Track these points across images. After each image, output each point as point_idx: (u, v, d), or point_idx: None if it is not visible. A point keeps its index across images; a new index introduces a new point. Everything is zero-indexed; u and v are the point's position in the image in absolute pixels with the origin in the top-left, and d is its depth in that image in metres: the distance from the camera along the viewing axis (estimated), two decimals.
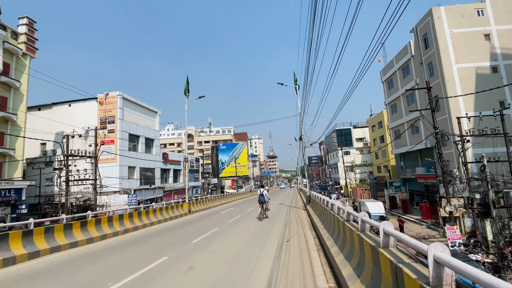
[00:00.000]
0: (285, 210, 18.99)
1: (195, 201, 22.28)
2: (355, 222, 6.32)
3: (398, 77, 31.52)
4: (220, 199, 29.37)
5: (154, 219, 15.19)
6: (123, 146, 30.95)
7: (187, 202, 19.65)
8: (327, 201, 9.91)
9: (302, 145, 18.06)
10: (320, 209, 11.46)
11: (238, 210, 20.82)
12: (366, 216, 5.19)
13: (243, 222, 14.25)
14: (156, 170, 36.36)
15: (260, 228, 12.10)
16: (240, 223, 13.93)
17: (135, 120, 33.77)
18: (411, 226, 26.28)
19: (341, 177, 53.82)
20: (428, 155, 28.73)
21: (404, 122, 31.06)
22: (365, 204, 25.47)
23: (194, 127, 78.97)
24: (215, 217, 17.04)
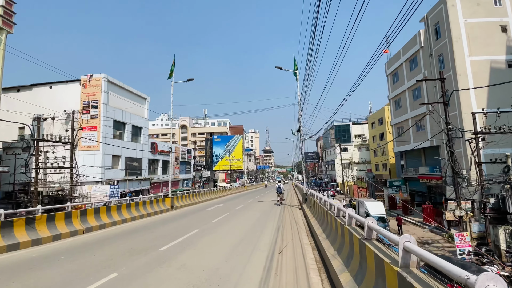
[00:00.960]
0: (278, 209, 17.09)
1: (181, 195, 20.26)
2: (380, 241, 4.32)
3: (405, 70, 29.53)
4: (209, 194, 27.39)
5: (127, 215, 13.15)
6: (107, 133, 28.69)
7: (170, 196, 17.62)
8: (333, 205, 7.93)
9: (300, 137, 16.21)
10: (320, 213, 9.49)
11: (227, 206, 18.88)
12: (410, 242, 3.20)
13: (229, 222, 12.28)
14: (143, 160, 34.21)
15: (248, 232, 10.13)
16: (225, 223, 11.96)
17: (122, 106, 31.43)
18: (412, 228, 24.62)
19: (338, 174, 52.17)
20: (433, 154, 26.98)
21: (408, 118, 29.20)
22: (364, 203, 23.71)
23: (188, 118, 76.55)
24: (199, 215, 15.05)
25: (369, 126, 52.81)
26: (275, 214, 14.68)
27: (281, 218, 13.32)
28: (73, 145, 21.46)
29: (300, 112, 16.11)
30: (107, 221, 11.75)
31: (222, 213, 15.27)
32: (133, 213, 13.71)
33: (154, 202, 15.92)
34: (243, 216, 14.19)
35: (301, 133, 16.01)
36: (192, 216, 14.56)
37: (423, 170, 27.99)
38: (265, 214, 14.76)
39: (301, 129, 16.04)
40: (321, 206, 9.32)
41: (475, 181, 21.74)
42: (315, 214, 10.92)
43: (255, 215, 14.36)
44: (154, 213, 15.25)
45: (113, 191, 26.82)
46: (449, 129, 18.20)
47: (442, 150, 25.36)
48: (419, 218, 27.28)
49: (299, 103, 16.29)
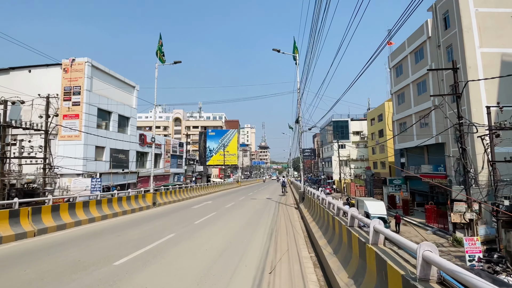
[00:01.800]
0: (272, 208, 15.39)
1: (166, 191, 18.42)
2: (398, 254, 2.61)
3: (409, 62, 27.87)
4: (199, 189, 25.58)
5: (97, 214, 11.31)
6: (90, 122, 26.62)
7: (152, 192, 15.79)
8: (342, 209, 6.21)
9: (299, 129, 14.51)
10: (322, 217, 7.77)
11: (215, 204, 17.12)
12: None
13: (214, 224, 10.52)
14: (131, 152, 32.21)
15: (234, 237, 8.39)
16: (210, 225, 10.20)
17: (107, 93, 29.30)
18: (414, 230, 23.18)
19: (335, 172, 50.75)
20: (438, 151, 25.52)
21: (412, 114, 27.64)
22: (364, 203, 22.18)
23: (182, 111, 74.29)
24: (182, 214, 13.27)
25: (368, 122, 51.34)
26: (269, 214, 12.98)
27: (275, 219, 11.61)
28: (47, 133, 19.42)
29: (299, 101, 14.36)
30: (69, 220, 9.91)
31: (209, 212, 13.51)
32: (104, 211, 11.87)
33: (132, 198, 14.08)
34: (232, 216, 12.45)
35: (300, 125, 14.33)
36: (174, 215, 12.76)
37: (426, 168, 26.53)
38: (257, 214, 13.04)
39: (300, 119, 14.33)
40: (324, 209, 7.58)
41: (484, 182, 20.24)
42: (315, 217, 9.21)
43: (246, 215, 12.65)
44: (131, 211, 13.43)
45: (94, 184, 24.91)
46: (461, 124, 16.58)
47: (448, 148, 23.89)
48: (421, 218, 25.89)
49: (298, 91, 14.54)
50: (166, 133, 69.86)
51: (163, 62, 16.30)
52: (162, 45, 16.11)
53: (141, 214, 13.22)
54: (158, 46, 16.08)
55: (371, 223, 4.15)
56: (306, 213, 11.10)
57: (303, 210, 12.31)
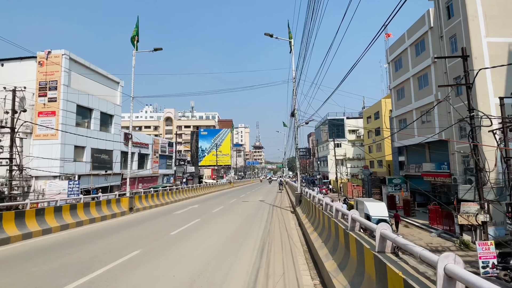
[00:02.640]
0: (265, 212, 13.64)
1: (147, 194, 16.50)
2: None
3: (409, 55, 26.46)
4: (187, 192, 23.66)
5: (54, 223, 9.41)
6: (68, 120, 24.52)
7: (128, 196, 13.87)
8: (358, 221, 4.48)
9: (295, 123, 12.81)
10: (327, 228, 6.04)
11: (202, 209, 15.30)
12: None
13: (194, 236, 8.71)
14: (115, 152, 30.12)
15: (215, 255, 6.61)
16: (188, 238, 8.39)
17: (88, 89, 27.21)
18: (417, 233, 21.70)
19: (331, 171, 49.31)
20: (440, 149, 24.11)
21: (412, 109, 26.22)
22: (364, 204, 20.56)
23: (173, 110, 72.02)
24: (160, 221, 11.42)
25: (364, 120, 50.03)
26: (261, 221, 11.22)
27: (269, 227, 9.85)
28: (13, 130, 17.31)
29: (295, 91, 12.68)
30: (14, 233, 8.00)
31: (192, 218, 11.68)
32: (66, 219, 9.96)
33: (103, 204, 12.14)
34: (217, 224, 10.64)
35: (296, 118, 12.62)
36: (149, 223, 10.89)
37: (428, 167, 25.12)
38: (248, 220, 11.27)
39: (295, 112, 12.65)
40: (330, 218, 5.84)
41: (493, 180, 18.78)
42: (316, 225, 7.48)
43: (234, 222, 10.87)
44: (101, 219, 11.51)
45: (72, 187, 22.85)
46: (472, 117, 15.06)
47: (452, 145, 22.50)
48: (423, 219, 24.46)
49: (293, 80, 12.85)
50: (157, 133, 67.53)
51: (137, 48, 14.43)
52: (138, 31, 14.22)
53: (112, 222, 11.31)
54: (134, 31, 14.20)
55: (420, 251, 2.43)
56: (305, 219, 9.37)
57: (300, 216, 10.58)
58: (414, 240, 20.03)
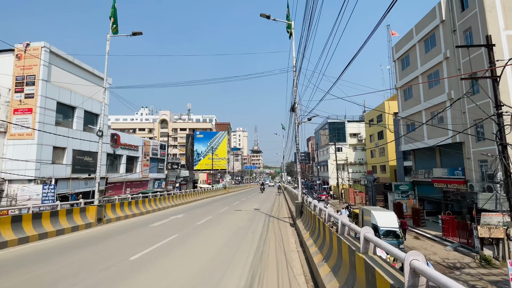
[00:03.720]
0: (260, 225, 11.45)
1: (122, 202, 14.25)
2: None
3: (418, 51, 24.59)
4: (175, 198, 21.38)
5: None
6: (46, 118, 22.36)
7: (96, 204, 11.66)
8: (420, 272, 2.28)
9: (295, 119, 10.76)
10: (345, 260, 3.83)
11: (185, 220, 13.06)
12: None
13: (160, 261, 6.50)
14: None
15: None
16: (150, 266, 6.19)
17: (70, 86, 25.08)
18: (429, 245, 19.51)
19: (331, 176, 47.17)
20: (453, 153, 22.08)
21: (422, 110, 24.25)
22: (371, 213, 18.40)
23: (169, 112, 69.93)
24: (127, 238, 9.21)
25: (366, 124, 48.09)
26: (253, 238, 9.06)
27: (262, 248, 7.67)
28: None
29: (295, 82, 10.64)
30: None
31: (168, 234, 9.48)
32: (4, 235, 7.74)
33: (61, 214, 9.91)
34: (197, 242, 8.45)
35: (296, 113, 10.58)
36: (111, 241, 8.66)
37: (439, 172, 23.05)
38: (237, 237, 9.09)
39: (296, 106, 10.59)
40: (349, 246, 3.66)
41: None
42: (328, 253, 5.29)
43: (219, 240, 8.69)
44: (56, 233, 9.30)
45: (46, 192, 20.63)
46: (501, 114, 13.09)
47: (467, 148, 20.47)
48: (434, 230, 22.30)
49: (294, 69, 10.84)
50: (152, 136, 65.33)
51: (114, 32, 12.40)
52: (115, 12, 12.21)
53: (67, 239, 9.08)
54: (111, 11, 12.19)
55: None
56: (308, 238, 7.21)
57: (302, 232, 8.41)
58: (428, 254, 17.83)
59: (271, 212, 16.37)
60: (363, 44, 6.68)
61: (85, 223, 10.76)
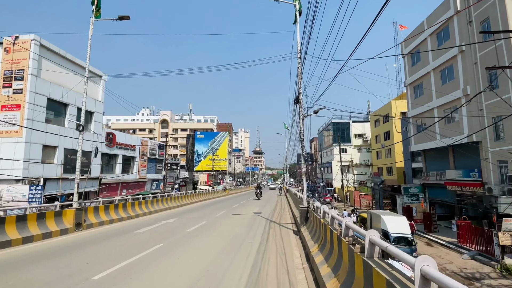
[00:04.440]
0: (259, 233, 10.06)
1: (109, 205, 12.93)
2: None
3: (430, 45, 23.14)
4: (170, 201, 19.99)
5: None
6: (35, 115, 21.21)
7: (75, 208, 10.35)
8: None
9: (299, 112, 9.40)
10: None
11: (176, 225, 11.67)
12: None
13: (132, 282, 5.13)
14: (94, 154, 26.67)
15: None
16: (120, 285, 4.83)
17: (63, 82, 23.94)
18: (444, 253, 17.98)
19: (335, 178, 45.61)
20: (468, 153, 20.55)
21: (434, 108, 22.76)
22: (381, 218, 16.94)
23: (170, 112, 68.80)
24: (104, 248, 7.88)
25: (372, 124, 46.57)
26: (250, 249, 7.68)
27: (260, 265, 6.27)
28: None
29: (300, 70, 9.30)
30: None
31: (151, 243, 8.13)
32: None
33: (31, 219, 8.59)
34: (183, 254, 7.08)
35: (301, 105, 9.25)
36: (83, 252, 7.33)
37: (453, 174, 21.52)
38: (231, 248, 7.72)
39: (301, 98, 9.25)
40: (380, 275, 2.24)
41: None
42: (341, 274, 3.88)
43: (211, 251, 7.33)
44: (23, 241, 7.99)
45: (33, 193, 19.42)
46: None
47: (485, 148, 18.94)
48: (447, 236, 20.76)
49: (298, 55, 9.50)
50: (152, 136, 64.18)
51: (97, 16, 11.15)
52: None
53: (35, 247, 7.74)
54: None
55: None
56: (317, 254, 5.80)
57: (308, 244, 7.01)
58: (443, 263, 16.32)
59: (273, 216, 14.95)
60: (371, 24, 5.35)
61: (60, 229, 9.44)
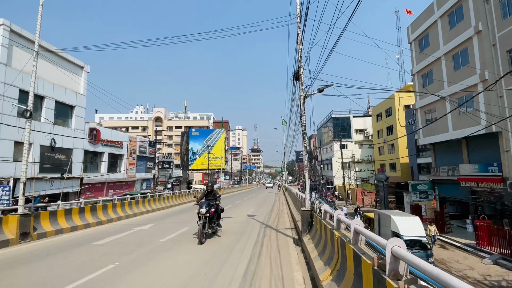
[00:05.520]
0: (251, 242, 8.00)
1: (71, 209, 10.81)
2: None
3: (440, 29, 21.12)
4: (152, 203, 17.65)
5: None
6: (5, 108, 19.05)
7: (19, 214, 8.25)
8: None
9: (300, 91, 7.41)
10: None
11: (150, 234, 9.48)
12: None
13: None
14: (76, 152, 24.53)
15: None
16: None
17: (38, 72, 21.65)
18: (462, 257, 16.02)
19: (336, 176, 43.66)
20: (486, 145, 18.62)
21: (446, 96, 20.75)
22: (391, 219, 14.97)
23: (164, 109, 66.49)
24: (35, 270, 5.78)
25: (373, 118, 44.60)
26: (237, 267, 5.65)
27: None
28: None
29: (300, 38, 7.28)
30: None
31: (105, 261, 6.07)
32: None
33: None
34: (144, 277, 5.04)
35: (302, 81, 7.21)
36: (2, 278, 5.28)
37: (468, 169, 19.56)
38: (210, 267, 5.67)
39: (301, 73, 7.21)
40: None
41: None
42: None
43: (180, 275, 5.27)
44: None
45: (0, 194, 17.27)
46: None
47: (506, 139, 16.97)
48: (460, 237, 18.84)
49: (298, 19, 7.47)
50: (145, 134, 61.93)
51: None
52: None
53: None
54: None
55: None
56: (331, 285, 3.73)
57: (315, 264, 4.97)
58: (463, 269, 14.33)
59: (269, 220, 12.89)
60: None
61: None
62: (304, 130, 7.55)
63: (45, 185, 21.00)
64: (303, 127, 7.35)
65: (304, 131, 7.50)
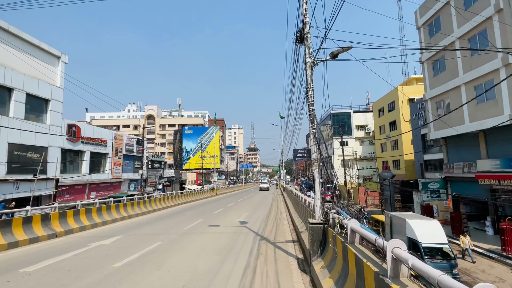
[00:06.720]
0: (241, 264, 5.82)
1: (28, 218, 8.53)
2: None
3: (453, 10, 19.02)
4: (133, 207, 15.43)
5: None
6: None
7: None
8: None
9: (305, 58, 5.45)
10: None
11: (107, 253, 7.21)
12: None
13: None
14: (51, 150, 22.10)
15: None
16: None
17: (6, 62, 19.28)
18: (487, 266, 13.94)
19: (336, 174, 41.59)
20: (507, 138, 16.59)
21: (460, 85, 18.71)
22: (407, 223, 12.71)
23: (156, 107, 63.91)
24: None
25: (375, 114, 42.61)
26: None
27: None
28: None
29: None
30: None
31: None
32: None
33: None
34: None
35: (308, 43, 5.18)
36: None
37: (487, 165, 17.51)
38: None
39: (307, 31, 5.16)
40: None
41: None
42: None
43: None
44: None
45: None
46: None
47: None
48: (483, 242, 16.79)
49: None
50: (137, 133, 59.38)
51: None
52: None
53: None
54: None
55: None
56: None
57: None
58: (492, 281, 12.27)
59: (265, 229, 10.64)
60: None
61: None
62: (312, 111, 5.37)
63: (12, 187, 18.60)
64: (310, 105, 5.20)
65: (311, 112, 5.32)
